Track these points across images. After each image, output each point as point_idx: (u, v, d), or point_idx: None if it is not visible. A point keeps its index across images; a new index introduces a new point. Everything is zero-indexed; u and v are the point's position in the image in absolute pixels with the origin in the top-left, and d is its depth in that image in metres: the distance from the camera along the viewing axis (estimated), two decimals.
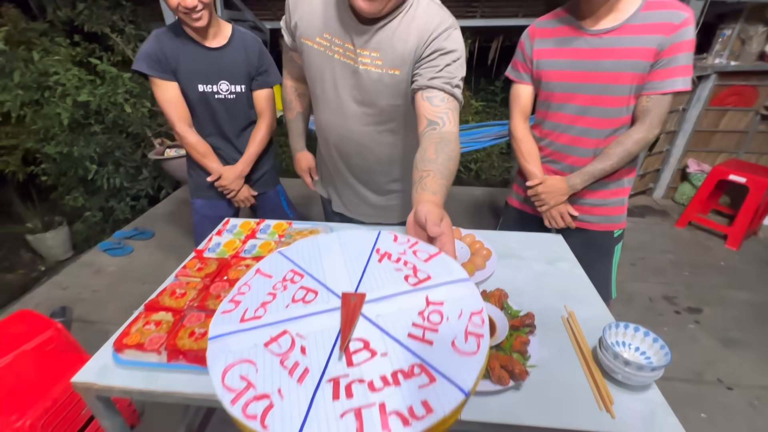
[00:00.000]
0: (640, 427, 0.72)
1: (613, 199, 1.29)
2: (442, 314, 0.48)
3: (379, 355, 0.42)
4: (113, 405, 0.87)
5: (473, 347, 0.43)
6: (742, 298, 2.11)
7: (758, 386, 1.60)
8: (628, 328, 0.84)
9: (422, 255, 0.60)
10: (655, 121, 1.14)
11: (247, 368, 0.40)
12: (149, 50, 1.34)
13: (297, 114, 1.31)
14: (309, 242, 0.63)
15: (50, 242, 3.00)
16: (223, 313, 0.47)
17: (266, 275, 0.54)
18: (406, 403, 0.36)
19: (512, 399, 0.76)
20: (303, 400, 0.37)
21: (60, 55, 2.81)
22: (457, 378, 0.39)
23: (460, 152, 0.93)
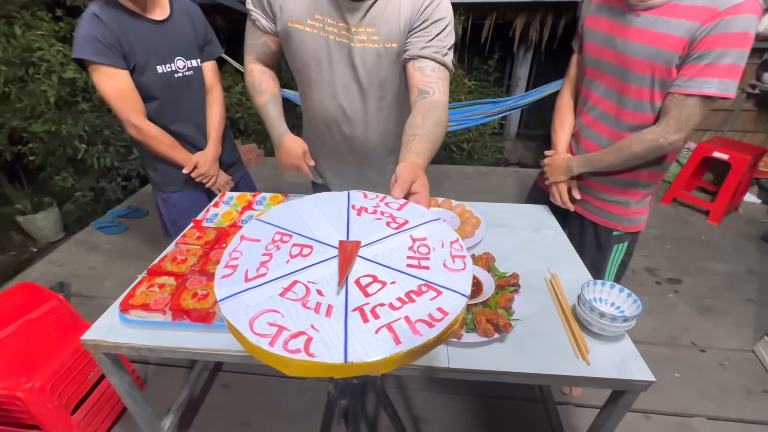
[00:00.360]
0: (612, 372, 0.79)
1: (617, 198, 1.17)
2: (429, 246, 0.55)
3: (388, 284, 0.48)
4: (121, 362, 0.92)
5: (461, 265, 0.52)
6: (719, 269, 2.21)
7: (728, 349, 1.71)
8: (605, 285, 0.90)
9: (394, 205, 0.66)
10: (672, 125, 0.95)
11: (273, 316, 0.42)
12: (93, 32, 1.12)
13: (271, 95, 1.12)
14: (284, 207, 0.64)
15: (41, 223, 2.97)
16: (222, 278, 0.47)
17: (253, 240, 0.55)
18: (424, 312, 0.43)
19: (497, 349, 0.82)
20: (337, 328, 0.41)
21: (42, 30, 2.73)
22: (457, 287, 0.48)
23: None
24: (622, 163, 1.08)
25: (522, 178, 3.44)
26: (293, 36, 1.00)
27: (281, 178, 3.47)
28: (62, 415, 1.13)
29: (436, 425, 1.38)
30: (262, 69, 1.12)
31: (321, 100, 1.09)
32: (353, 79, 1.04)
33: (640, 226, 1.21)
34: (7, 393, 1.04)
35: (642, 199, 1.18)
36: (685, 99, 0.93)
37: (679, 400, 1.48)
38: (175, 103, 1.32)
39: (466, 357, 0.80)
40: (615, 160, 1.08)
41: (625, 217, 1.18)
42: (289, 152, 1.10)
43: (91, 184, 3.12)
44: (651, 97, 1.00)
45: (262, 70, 1.13)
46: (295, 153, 1.10)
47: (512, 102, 2.77)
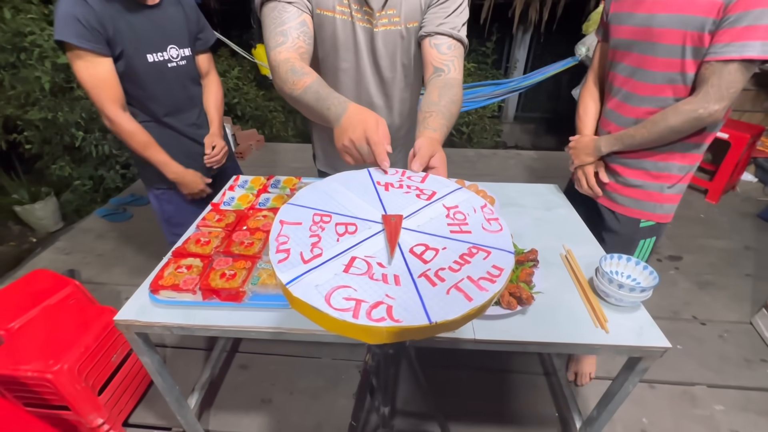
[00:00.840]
0: (631, 339, 0.82)
1: (650, 183, 1.09)
2: (463, 213, 0.59)
3: (440, 250, 0.51)
4: (151, 342, 0.94)
5: (497, 227, 0.56)
6: (718, 246, 2.27)
7: (727, 321, 1.78)
8: (621, 258, 0.93)
9: (416, 179, 0.68)
10: (712, 94, 0.90)
11: (346, 291, 0.43)
12: (74, 12, 1.02)
13: (317, 77, 0.83)
14: (312, 189, 0.63)
15: (39, 213, 2.94)
16: (279, 262, 0.47)
17: (294, 223, 0.54)
18: (482, 271, 0.47)
19: (520, 321, 0.85)
20: (411, 294, 0.44)
21: (32, 14, 2.65)
22: (503, 246, 0.52)
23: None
24: (656, 138, 1.00)
25: (523, 161, 3.45)
26: (324, 24, 0.96)
27: (284, 163, 3.44)
28: (90, 396, 1.16)
29: (451, 399, 1.43)
30: (299, 57, 0.87)
31: (346, 89, 1.06)
32: (377, 65, 1.03)
33: (669, 216, 1.13)
34: (36, 375, 1.06)
35: (675, 183, 1.09)
36: (724, 66, 0.88)
37: (681, 371, 1.54)
38: (168, 94, 1.25)
39: (490, 329, 0.84)
40: (649, 135, 1.01)
41: (657, 204, 1.10)
42: (360, 120, 0.69)
43: (89, 172, 3.08)
44: (682, 68, 0.94)
45: (300, 58, 0.88)
46: (369, 123, 0.68)
47: (515, 84, 2.76)
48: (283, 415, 1.38)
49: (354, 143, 0.67)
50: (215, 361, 1.42)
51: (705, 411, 1.41)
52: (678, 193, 1.12)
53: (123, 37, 1.11)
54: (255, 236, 1.01)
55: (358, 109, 0.71)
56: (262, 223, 1.07)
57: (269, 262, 0.94)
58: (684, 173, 1.08)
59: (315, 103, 0.78)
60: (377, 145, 0.66)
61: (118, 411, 1.28)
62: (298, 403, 1.42)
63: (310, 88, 0.79)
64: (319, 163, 1.32)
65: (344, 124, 0.70)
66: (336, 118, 0.72)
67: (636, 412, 1.39)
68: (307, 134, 4.29)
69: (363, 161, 0.69)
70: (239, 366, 1.56)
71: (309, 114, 0.82)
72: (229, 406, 1.41)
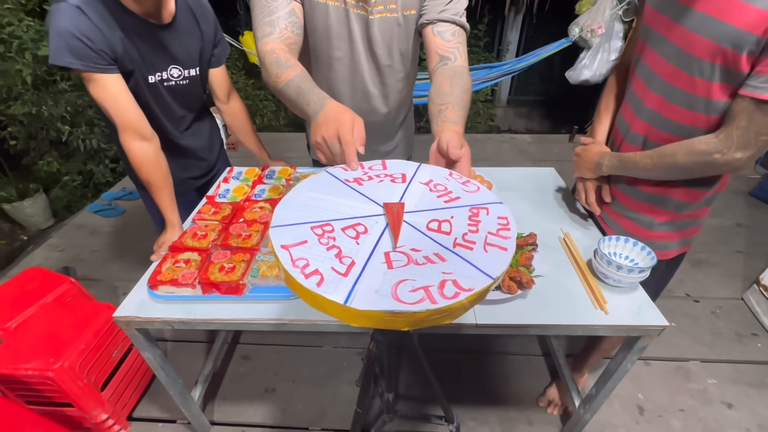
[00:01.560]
0: (629, 319, 0.84)
1: (638, 215, 0.96)
2: (441, 183, 0.65)
3: (450, 219, 0.55)
4: (152, 337, 0.94)
5: (474, 187, 0.64)
6: (710, 224, 2.29)
7: (720, 297, 1.81)
8: (619, 240, 0.94)
9: (377, 167, 0.69)
10: (735, 138, 0.71)
11: (408, 284, 0.43)
12: (74, 32, 0.87)
13: (302, 71, 0.82)
14: (287, 206, 0.57)
15: (29, 210, 2.90)
16: (319, 286, 0.43)
17: (300, 243, 0.49)
18: (495, 224, 0.54)
19: (520, 305, 0.86)
20: (460, 263, 0.47)
21: (9, 3, 2.55)
22: (491, 199, 0.60)
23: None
24: (661, 173, 0.85)
25: (518, 144, 3.45)
26: (316, 11, 0.92)
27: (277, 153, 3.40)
28: (93, 392, 1.16)
29: (452, 383, 1.45)
30: (286, 48, 0.86)
31: (341, 78, 1.04)
32: (373, 53, 1.01)
33: (662, 254, 0.94)
34: (37, 374, 1.06)
35: (669, 221, 0.94)
36: (760, 105, 0.67)
37: (675, 347, 1.58)
38: (162, 111, 1.12)
39: (491, 313, 0.84)
40: (652, 168, 0.84)
41: (653, 241, 0.94)
42: (335, 118, 0.67)
43: (78, 167, 3.02)
44: (707, 92, 0.74)
45: (288, 49, 0.87)
46: (344, 122, 0.66)
47: (509, 66, 2.74)
48: (287, 404, 1.40)
49: (326, 141, 0.66)
50: (217, 353, 1.43)
51: (699, 385, 1.45)
52: (671, 231, 0.95)
53: (126, 58, 0.97)
54: (252, 228, 1.00)
55: (336, 107, 0.70)
56: (259, 215, 1.06)
57: (268, 254, 0.93)
58: (681, 211, 0.92)
59: (296, 98, 0.76)
60: (348, 144, 0.64)
61: (122, 405, 1.29)
62: (302, 392, 1.44)
63: (292, 82, 0.78)
64: (314, 153, 1.30)
65: (320, 120, 0.68)
66: (314, 114, 0.71)
67: (632, 389, 1.43)
68: (299, 123, 4.23)
69: (334, 160, 0.68)
70: (241, 357, 1.56)
71: (291, 107, 0.81)
72: (232, 396, 1.42)
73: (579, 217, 1.15)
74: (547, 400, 1.38)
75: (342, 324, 0.82)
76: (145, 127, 1.02)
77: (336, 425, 1.34)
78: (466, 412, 1.35)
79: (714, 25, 0.68)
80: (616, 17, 2.71)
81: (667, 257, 0.99)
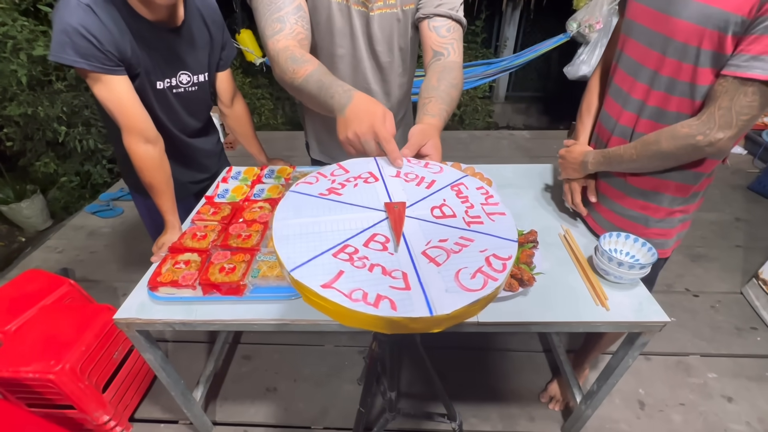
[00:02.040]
0: (630, 316, 0.84)
1: (632, 212, 0.95)
2: (417, 173, 0.65)
3: (454, 204, 0.58)
4: (153, 338, 0.93)
5: (436, 169, 0.67)
6: (709, 218, 2.30)
7: (719, 292, 1.82)
8: (620, 236, 0.94)
9: (339, 172, 0.66)
10: (717, 118, 0.71)
11: (464, 273, 0.45)
12: (81, 29, 0.83)
13: (319, 64, 0.79)
14: (284, 227, 0.52)
15: (26, 212, 2.88)
16: (401, 307, 0.41)
17: (338, 276, 0.45)
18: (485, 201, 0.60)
19: (521, 302, 0.86)
20: (486, 239, 0.51)
21: (3, 3, 2.52)
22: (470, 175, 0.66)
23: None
24: (645, 163, 0.84)
25: (516, 141, 3.44)
26: (319, 7, 0.92)
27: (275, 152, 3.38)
28: (94, 394, 1.16)
29: (454, 379, 1.45)
30: (295, 44, 0.84)
31: (343, 76, 1.03)
32: (374, 50, 1.00)
33: (660, 252, 0.93)
34: (38, 376, 1.06)
35: (665, 217, 0.93)
36: (742, 85, 0.67)
37: (675, 342, 1.58)
38: (169, 118, 1.10)
39: (493, 311, 0.84)
40: (637, 158, 0.84)
41: (640, 238, 0.93)
42: (366, 112, 0.64)
43: (75, 168, 3.01)
44: (693, 77, 0.74)
45: (300, 45, 0.85)
46: (377, 116, 0.63)
47: (507, 63, 2.73)
48: (289, 403, 1.40)
49: (359, 137, 0.63)
50: (218, 353, 1.42)
51: (699, 379, 1.45)
52: (670, 228, 0.94)
53: (134, 61, 0.95)
54: (252, 228, 0.99)
55: (365, 99, 0.66)
56: (258, 215, 1.05)
57: (269, 254, 0.93)
58: (676, 206, 0.91)
59: (317, 92, 0.73)
60: (388, 141, 0.62)
61: (124, 407, 1.29)
62: (303, 391, 1.44)
63: (311, 76, 0.75)
64: (313, 152, 1.29)
65: (349, 115, 0.64)
66: (340, 108, 0.67)
67: (633, 384, 1.43)
68: (296, 121, 4.22)
69: (365, 155, 0.66)
70: (242, 357, 1.56)
71: (311, 104, 0.78)
72: (234, 396, 1.42)
73: (579, 213, 1.15)
74: (549, 396, 1.39)
75: (346, 326, 0.82)
76: (150, 129, 1.00)
77: (338, 424, 1.34)
78: (467, 409, 1.35)
79: (699, 8, 0.69)
80: (614, 12, 2.70)
81: (665, 255, 0.99)
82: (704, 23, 0.69)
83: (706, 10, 0.68)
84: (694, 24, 0.70)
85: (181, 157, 1.19)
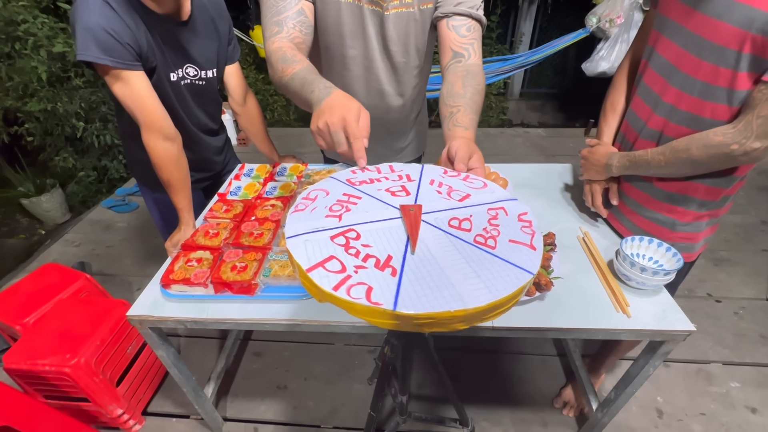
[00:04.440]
0: (653, 324, 0.80)
1: (658, 215, 0.91)
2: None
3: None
4: (165, 335, 0.94)
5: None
6: (733, 221, 2.22)
7: (743, 298, 1.75)
8: (643, 240, 0.90)
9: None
10: (755, 127, 0.67)
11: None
12: (104, 26, 0.85)
13: (308, 65, 0.80)
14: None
15: (46, 205, 2.96)
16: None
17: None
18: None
19: (538, 307, 0.83)
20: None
21: (24, 1, 2.57)
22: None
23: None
24: (674, 169, 0.81)
25: (531, 138, 3.38)
26: (328, 8, 0.90)
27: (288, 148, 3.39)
28: (108, 388, 1.17)
29: (466, 382, 1.43)
30: (294, 46, 0.85)
31: (355, 77, 1.02)
32: (388, 51, 0.98)
33: (686, 256, 0.89)
34: (54, 369, 1.07)
35: (692, 221, 0.89)
36: None
37: (696, 348, 1.53)
38: (185, 112, 1.11)
39: (508, 316, 0.81)
40: (666, 165, 0.80)
41: (673, 243, 0.89)
42: (341, 105, 0.64)
43: (93, 163, 3.07)
44: (731, 82, 0.69)
45: (295, 47, 0.85)
46: (351, 110, 0.63)
47: (523, 59, 2.67)
48: (299, 401, 1.40)
49: (329, 127, 0.62)
50: (230, 349, 1.43)
51: (721, 389, 1.40)
52: (697, 233, 0.90)
53: (149, 55, 0.96)
54: (264, 226, 0.99)
55: (343, 95, 0.66)
56: (270, 213, 1.05)
57: (280, 253, 0.92)
58: (704, 210, 0.88)
59: (300, 89, 0.74)
60: (356, 138, 0.61)
61: (137, 400, 1.31)
62: (313, 389, 1.44)
63: (297, 74, 0.76)
64: (328, 151, 1.28)
65: (323, 107, 0.65)
66: (318, 101, 0.67)
67: (651, 391, 1.39)
68: (308, 117, 4.22)
69: (334, 148, 0.64)
70: (253, 353, 1.57)
71: (296, 100, 0.79)
72: (245, 393, 1.43)
73: (598, 215, 1.11)
74: (563, 402, 1.36)
75: (354, 323, 0.81)
76: (170, 126, 1.00)
77: (347, 423, 1.33)
78: (479, 413, 1.33)
79: (740, 10, 0.64)
80: (636, 6, 2.61)
81: (691, 259, 0.95)
82: (747, 27, 0.64)
83: (750, 12, 0.64)
84: (736, 27, 0.66)
85: (192, 151, 1.18)
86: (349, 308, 0.41)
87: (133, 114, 0.96)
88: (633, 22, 2.65)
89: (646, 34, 0.89)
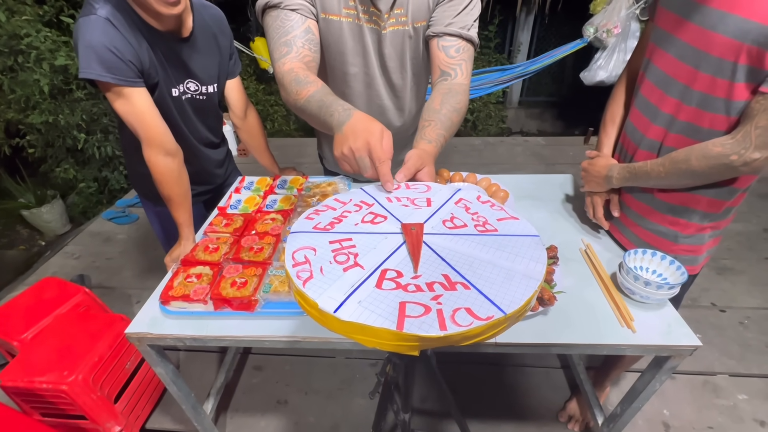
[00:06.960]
0: (658, 339, 0.79)
1: (660, 227, 0.91)
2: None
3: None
4: (164, 352, 0.92)
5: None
6: (735, 229, 2.21)
7: (748, 307, 1.74)
8: (646, 253, 0.89)
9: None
10: (754, 138, 0.67)
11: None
12: (107, 44, 0.86)
13: (323, 85, 0.80)
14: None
15: (47, 216, 2.96)
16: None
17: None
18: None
19: (541, 322, 0.82)
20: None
21: (27, 15, 2.61)
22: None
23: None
24: (674, 180, 0.81)
25: (531, 147, 3.38)
26: (330, 27, 0.91)
27: (288, 159, 3.41)
28: (106, 405, 1.16)
29: (468, 396, 1.41)
30: (301, 66, 0.84)
31: (356, 94, 1.03)
32: (386, 67, 0.99)
33: (689, 268, 0.88)
34: (51, 387, 1.06)
35: (695, 233, 0.89)
36: None
37: (702, 360, 1.51)
38: (186, 125, 1.11)
39: (512, 331, 0.79)
40: (666, 176, 0.80)
41: (668, 254, 0.88)
42: (364, 129, 0.63)
43: (94, 174, 3.08)
44: (729, 93, 0.70)
45: (306, 67, 0.85)
46: (374, 134, 0.62)
47: (522, 69, 2.69)
48: (299, 417, 1.38)
49: (354, 153, 0.62)
50: (229, 364, 1.42)
51: (728, 401, 1.38)
52: (698, 244, 0.90)
53: (151, 71, 0.97)
54: (264, 241, 0.98)
55: (365, 117, 0.65)
56: (271, 227, 1.04)
57: (280, 269, 0.91)
58: (707, 222, 0.87)
59: (318, 111, 0.73)
60: (382, 162, 0.61)
61: (135, 417, 1.29)
62: (314, 404, 1.42)
63: (313, 97, 0.76)
64: (328, 164, 1.29)
65: (346, 131, 0.64)
66: (338, 124, 0.67)
67: (657, 404, 1.37)
68: (309, 128, 4.24)
69: (359, 172, 0.64)
70: (253, 367, 1.55)
71: (313, 123, 0.80)
72: (245, 408, 1.41)
73: (601, 226, 1.10)
74: (568, 416, 1.33)
75: (355, 342, 0.80)
76: (171, 142, 1.01)
77: None
78: (481, 427, 1.31)
79: (734, 21, 0.65)
80: (633, 16, 2.64)
81: (694, 272, 0.94)
82: (742, 38, 0.65)
83: (744, 24, 0.64)
84: (730, 38, 0.66)
85: (193, 165, 1.18)
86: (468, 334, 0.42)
87: (134, 130, 0.97)
88: (630, 31, 2.68)
89: (644, 47, 0.90)
